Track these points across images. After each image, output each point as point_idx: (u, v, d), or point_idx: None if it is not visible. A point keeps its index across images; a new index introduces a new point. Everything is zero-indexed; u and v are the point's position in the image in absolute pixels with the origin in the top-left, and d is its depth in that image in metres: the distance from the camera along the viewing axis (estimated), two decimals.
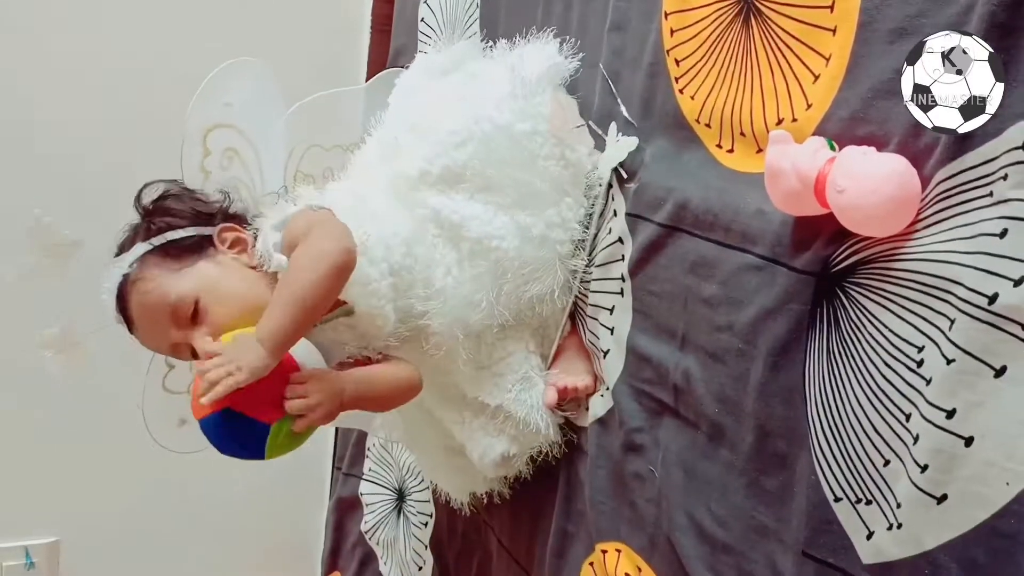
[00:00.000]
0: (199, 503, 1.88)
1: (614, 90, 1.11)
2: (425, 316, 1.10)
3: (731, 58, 0.94)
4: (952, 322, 0.69)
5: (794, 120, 0.86)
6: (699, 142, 0.99)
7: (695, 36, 0.99)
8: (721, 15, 0.95)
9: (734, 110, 0.94)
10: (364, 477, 1.80)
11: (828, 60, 0.83)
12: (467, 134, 1.11)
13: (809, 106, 0.84)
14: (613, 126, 1.11)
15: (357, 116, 1.39)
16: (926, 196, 0.73)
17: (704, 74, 0.98)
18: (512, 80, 1.13)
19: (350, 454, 1.86)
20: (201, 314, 1.03)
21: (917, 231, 0.73)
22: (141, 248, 1.07)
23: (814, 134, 0.83)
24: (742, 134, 0.93)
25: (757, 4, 0.91)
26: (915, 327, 0.73)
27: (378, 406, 1.18)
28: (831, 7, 0.82)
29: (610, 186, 1.12)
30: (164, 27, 1.74)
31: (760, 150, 0.91)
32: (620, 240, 1.09)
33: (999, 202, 0.66)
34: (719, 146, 0.97)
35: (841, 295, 0.80)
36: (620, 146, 1.07)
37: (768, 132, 0.89)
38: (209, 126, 1.20)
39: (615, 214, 1.11)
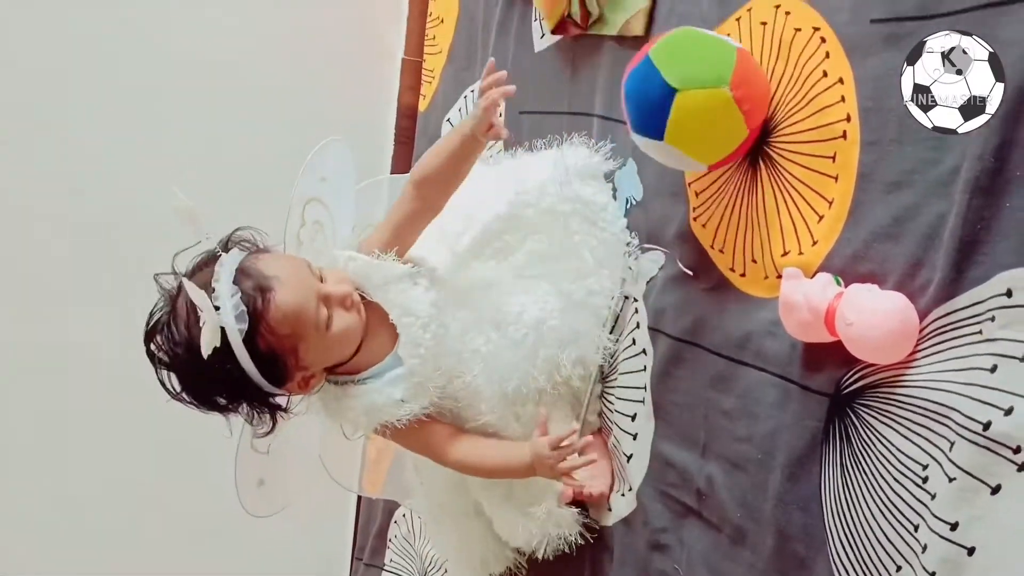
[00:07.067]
0: None
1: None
2: (460, 382, 1.15)
3: (738, 194, 1.05)
4: (952, 444, 0.78)
5: (800, 253, 0.97)
6: (713, 265, 1.09)
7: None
8: None
9: (745, 240, 1.04)
10: (385, 568, 1.85)
11: (831, 203, 0.94)
12: (515, 221, 1.27)
13: (815, 242, 0.95)
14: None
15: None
16: (923, 329, 0.83)
17: (715, 206, 1.09)
18: (556, 167, 1.29)
19: (371, 545, 1.91)
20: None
21: (917, 360, 0.83)
22: (236, 256, 1.06)
23: (819, 268, 0.93)
24: (753, 261, 1.03)
25: (766, 149, 1.02)
26: (919, 447, 0.82)
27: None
28: (833, 158, 0.93)
29: (634, 299, 1.22)
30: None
31: (767, 276, 1.01)
32: (644, 352, 1.18)
33: (988, 340, 0.76)
34: (732, 269, 1.07)
35: (852, 415, 0.89)
36: (649, 262, 1.18)
37: (776, 262, 0.99)
38: (307, 199, 1.30)
39: (637, 326, 1.21)
